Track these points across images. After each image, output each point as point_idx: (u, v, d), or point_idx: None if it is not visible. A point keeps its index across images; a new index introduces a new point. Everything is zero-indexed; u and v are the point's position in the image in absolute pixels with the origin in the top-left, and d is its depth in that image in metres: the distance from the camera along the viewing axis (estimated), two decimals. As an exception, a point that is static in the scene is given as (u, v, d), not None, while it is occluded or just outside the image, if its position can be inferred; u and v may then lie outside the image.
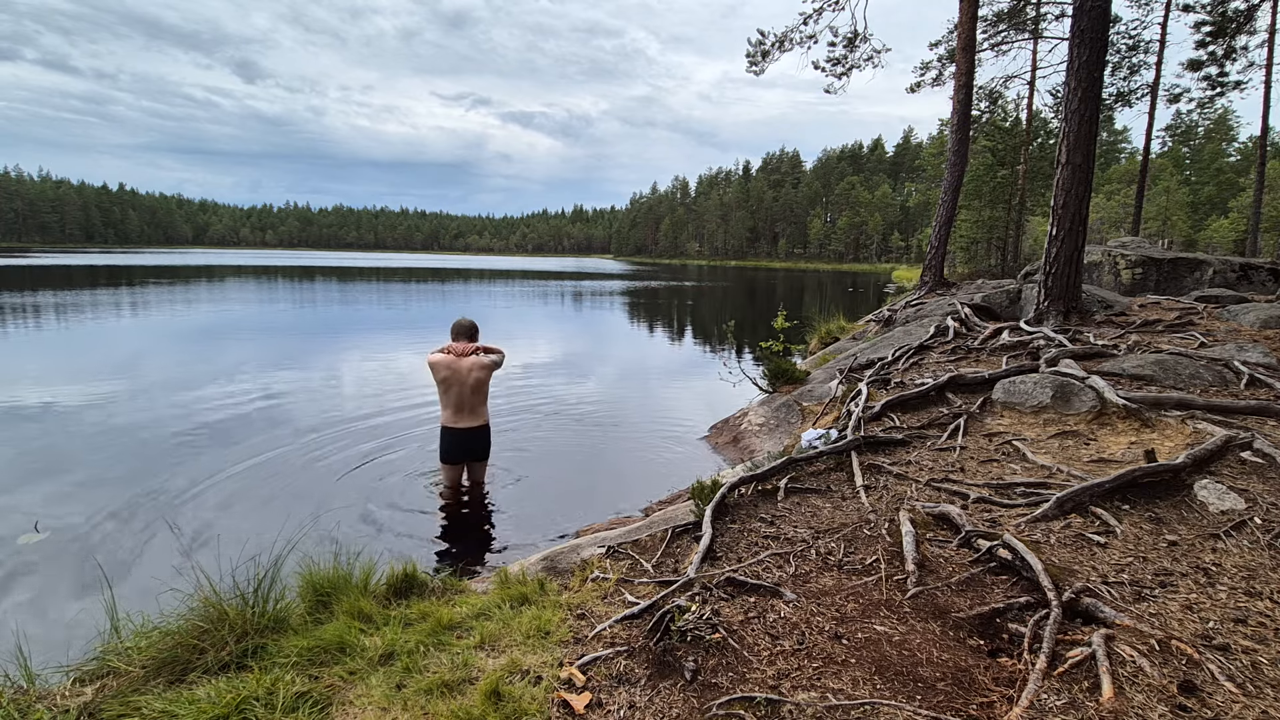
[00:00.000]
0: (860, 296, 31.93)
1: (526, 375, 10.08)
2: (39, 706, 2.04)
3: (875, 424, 4.58)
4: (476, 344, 4.77)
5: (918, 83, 22.87)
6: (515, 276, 48.88)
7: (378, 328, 16.29)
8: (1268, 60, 20.87)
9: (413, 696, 2.04)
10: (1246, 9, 20.82)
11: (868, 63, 17.60)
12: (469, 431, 4.72)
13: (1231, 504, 2.88)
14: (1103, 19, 6.80)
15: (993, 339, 6.82)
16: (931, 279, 14.88)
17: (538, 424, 7.16)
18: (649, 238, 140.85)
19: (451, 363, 4.61)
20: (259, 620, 2.44)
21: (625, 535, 3.37)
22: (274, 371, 9.82)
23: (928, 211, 55.67)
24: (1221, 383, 4.73)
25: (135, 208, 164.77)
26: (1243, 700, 1.72)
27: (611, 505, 4.82)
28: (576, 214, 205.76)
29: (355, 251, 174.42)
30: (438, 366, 4.61)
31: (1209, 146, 56.21)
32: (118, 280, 31.14)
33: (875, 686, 1.89)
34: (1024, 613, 2.20)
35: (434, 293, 30.04)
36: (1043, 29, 25.27)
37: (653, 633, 2.17)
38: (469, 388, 4.63)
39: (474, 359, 4.65)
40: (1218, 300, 8.35)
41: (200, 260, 66.13)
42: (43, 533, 4.25)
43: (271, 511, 4.63)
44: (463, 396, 4.64)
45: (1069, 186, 6.96)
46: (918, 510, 3.06)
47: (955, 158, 14.73)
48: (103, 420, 6.91)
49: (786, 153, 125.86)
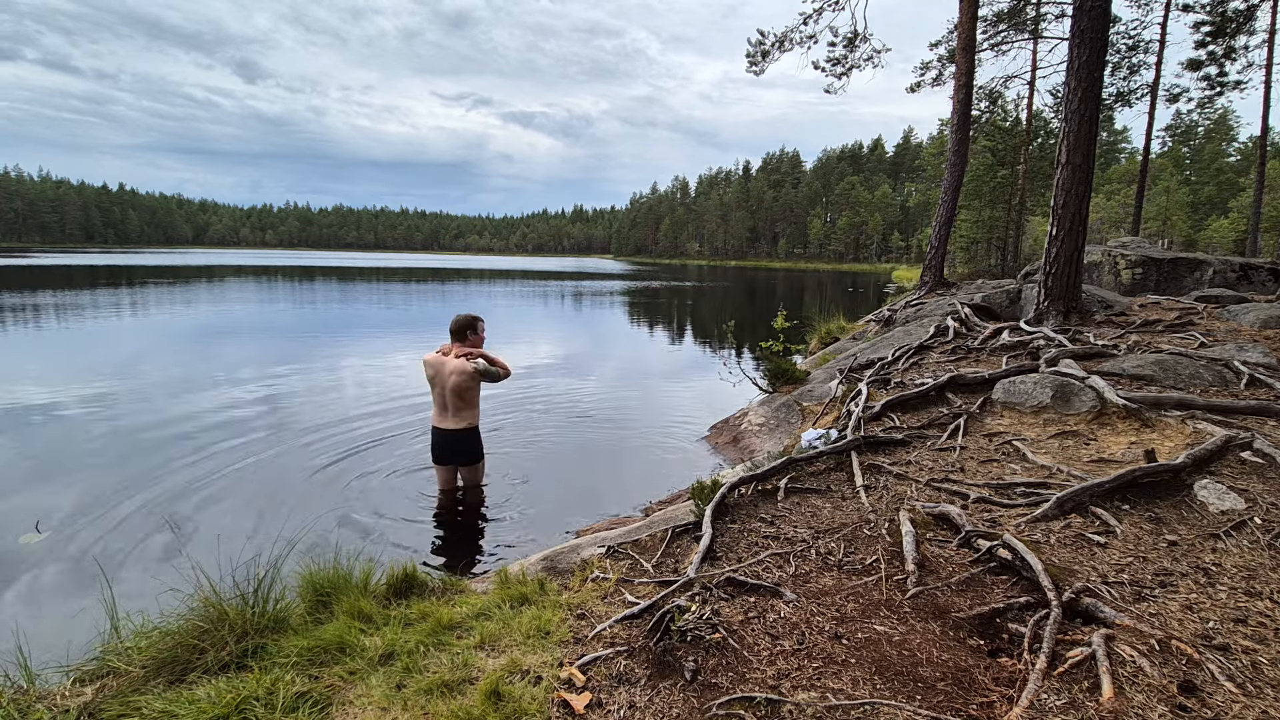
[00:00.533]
0: (860, 296, 31.93)
1: (527, 375, 10.08)
2: (39, 706, 2.04)
3: (875, 424, 4.58)
4: (477, 350, 4.70)
5: (918, 83, 22.88)
6: (515, 276, 48.88)
7: (378, 328, 16.29)
8: (1268, 60, 20.88)
9: (413, 696, 2.04)
10: (1246, 9, 20.83)
11: (868, 63, 17.61)
12: (450, 433, 4.65)
13: (1231, 504, 2.88)
14: (1103, 19, 6.80)
15: (993, 339, 6.82)
16: (931, 279, 14.88)
17: (538, 424, 7.16)
18: (649, 238, 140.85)
19: (438, 361, 4.59)
20: (259, 620, 2.44)
21: (625, 535, 3.37)
22: (275, 372, 9.82)
23: (928, 211, 55.70)
24: (1221, 383, 4.73)
25: (135, 208, 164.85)
26: (1243, 700, 1.72)
27: (611, 505, 4.82)
28: (576, 214, 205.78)
29: (355, 251, 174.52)
30: (427, 365, 4.63)
31: (1209, 146, 56.21)
32: (117, 280, 31.15)
33: (875, 686, 1.89)
34: (1024, 613, 2.20)
35: (434, 293, 30.04)
36: (1043, 29, 25.27)
37: (653, 633, 2.17)
38: (449, 389, 4.57)
39: (459, 362, 4.57)
40: (1218, 300, 8.35)
41: (200, 260, 66.14)
42: (43, 533, 4.25)
43: (271, 512, 4.63)
44: (444, 397, 4.59)
45: (1069, 186, 6.96)
46: (918, 510, 3.06)
47: (955, 158, 14.73)
48: (102, 420, 6.90)
49: (786, 153, 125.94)
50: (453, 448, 4.70)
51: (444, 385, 4.58)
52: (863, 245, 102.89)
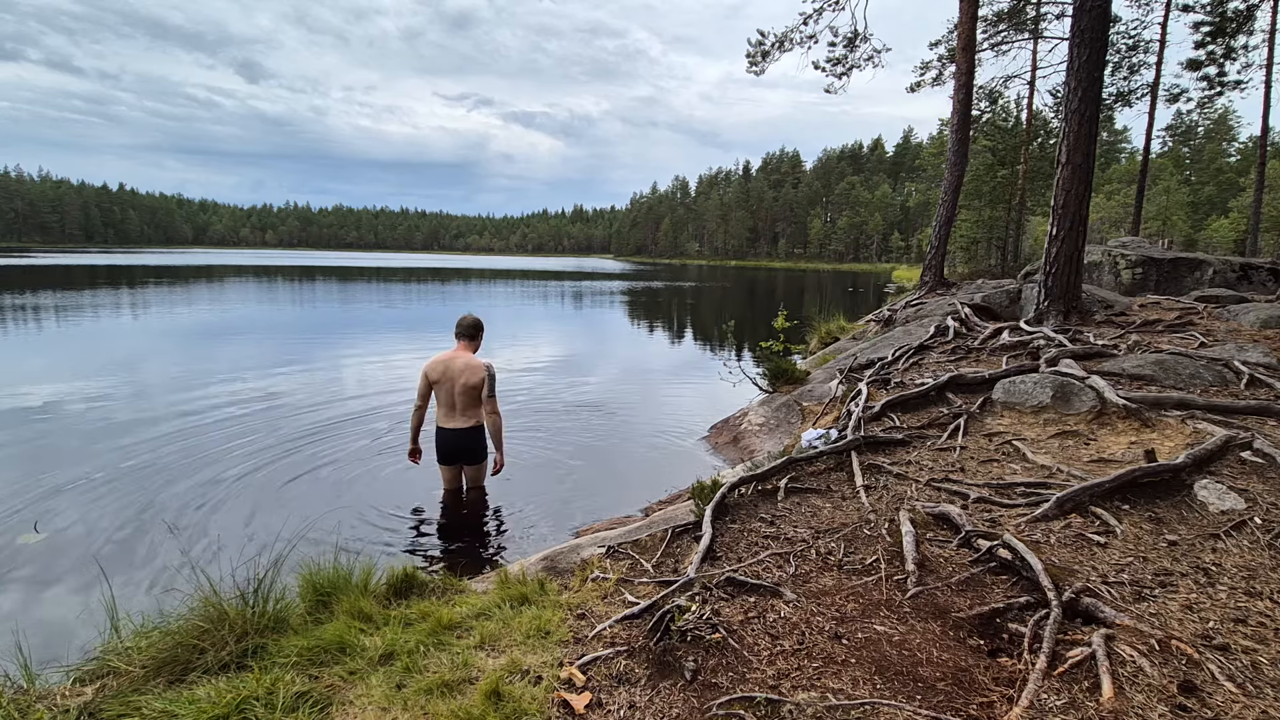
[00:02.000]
0: (860, 296, 31.93)
1: (527, 375, 10.08)
2: (39, 706, 2.03)
3: (875, 424, 4.58)
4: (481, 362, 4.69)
5: (918, 83, 22.88)
6: (515, 276, 48.88)
7: (379, 328, 16.30)
8: (1268, 60, 20.86)
9: (413, 696, 2.04)
10: (1246, 9, 20.83)
11: (868, 63, 17.60)
12: (458, 432, 4.62)
13: (1231, 504, 2.88)
14: (1103, 19, 6.80)
15: (993, 339, 6.82)
16: (931, 279, 14.87)
17: (538, 424, 7.16)
18: (649, 238, 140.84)
19: (446, 359, 4.56)
20: (259, 620, 2.44)
21: (625, 535, 3.37)
22: (275, 372, 9.82)
23: (928, 211, 55.68)
24: (1221, 383, 4.73)
25: (135, 208, 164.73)
26: (1243, 700, 1.72)
27: (611, 505, 4.82)
28: (576, 214, 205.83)
29: (355, 251, 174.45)
30: (431, 368, 4.56)
31: (1209, 146, 56.20)
32: (117, 281, 31.15)
33: (875, 686, 1.89)
34: (1024, 613, 2.20)
35: (434, 293, 30.03)
36: (1043, 29, 25.27)
37: (653, 633, 2.17)
38: (459, 386, 4.54)
39: (469, 358, 4.57)
40: (1218, 300, 8.35)
41: (200, 260, 66.12)
42: (41, 533, 4.24)
43: (272, 512, 4.63)
44: (453, 395, 4.56)
45: (1069, 186, 6.96)
46: (918, 510, 3.06)
47: (955, 158, 14.73)
48: (102, 420, 6.90)
49: (786, 153, 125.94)
50: (460, 446, 4.67)
51: (454, 382, 4.53)
52: (863, 245, 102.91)
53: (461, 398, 4.57)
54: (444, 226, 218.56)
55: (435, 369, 4.57)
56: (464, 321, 4.71)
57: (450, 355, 4.60)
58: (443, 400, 4.62)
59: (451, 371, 4.54)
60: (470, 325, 4.70)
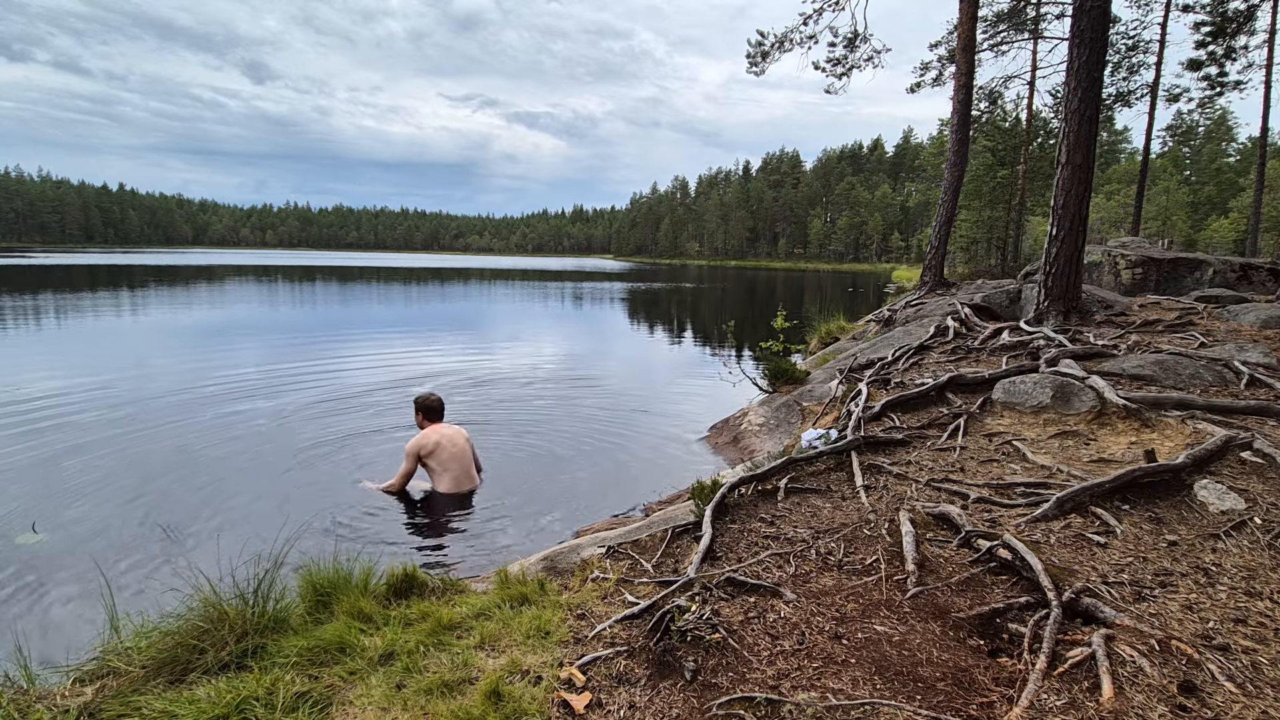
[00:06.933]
0: (860, 296, 31.92)
1: (527, 375, 10.08)
2: (39, 706, 2.03)
3: (875, 424, 4.58)
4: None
5: (918, 83, 22.89)
6: (515, 276, 48.86)
7: (379, 328, 16.29)
8: (1268, 60, 20.87)
9: (413, 696, 2.04)
10: (1246, 9, 20.83)
11: (868, 63, 17.61)
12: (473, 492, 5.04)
13: (1231, 504, 2.88)
14: (1103, 19, 6.80)
15: (993, 339, 6.82)
16: (931, 279, 14.88)
17: (537, 424, 7.16)
18: (649, 238, 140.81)
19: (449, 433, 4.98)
20: (259, 620, 2.44)
21: (625, 535, 3.37)
22: (275, 371, 9.82)
23: (928, 211, 55.67)
24: (1221, 383, 4.73)
25: (135, 208, 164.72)
26: (1243, 700, 1.72)
27: (611, 505, 4.82)
28: (576, 214, 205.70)
29: (355, 251, 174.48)
30: (427, 442, 4.89)
31: (1209, 146, 56.16)
32: (117, 281, 31.14)
33: (875, 686, 1.89)
34: (1024, 613, 2.20)
35: (435, 293, 30.03)
36: (1043, 29, 25.28)
37: (653, 633, 2.17)
38: (472, 450, 5.12)
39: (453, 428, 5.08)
40: (1218, 300, 8.35)
41: (200, 260, 66.10)
42: (40, 533, 4.24)
43: (272, 512, 4.63)
44: (464, 460, 4.98)
45: (1069, 186, 6.96)
46: (918, 510, 3.06)
47: (955, 158, 14.74)
48: (100, 420, 6.90)
49: (786, 153, 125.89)
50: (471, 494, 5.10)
51: (465, 448, 5.01)
52: (863, 245, 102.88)
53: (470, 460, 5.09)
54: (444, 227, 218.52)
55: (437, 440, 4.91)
56: (438, 401, 5.15)
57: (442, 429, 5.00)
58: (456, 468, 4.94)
59: (459, 440, 5.00)
60: (441, 404, 5.18)
